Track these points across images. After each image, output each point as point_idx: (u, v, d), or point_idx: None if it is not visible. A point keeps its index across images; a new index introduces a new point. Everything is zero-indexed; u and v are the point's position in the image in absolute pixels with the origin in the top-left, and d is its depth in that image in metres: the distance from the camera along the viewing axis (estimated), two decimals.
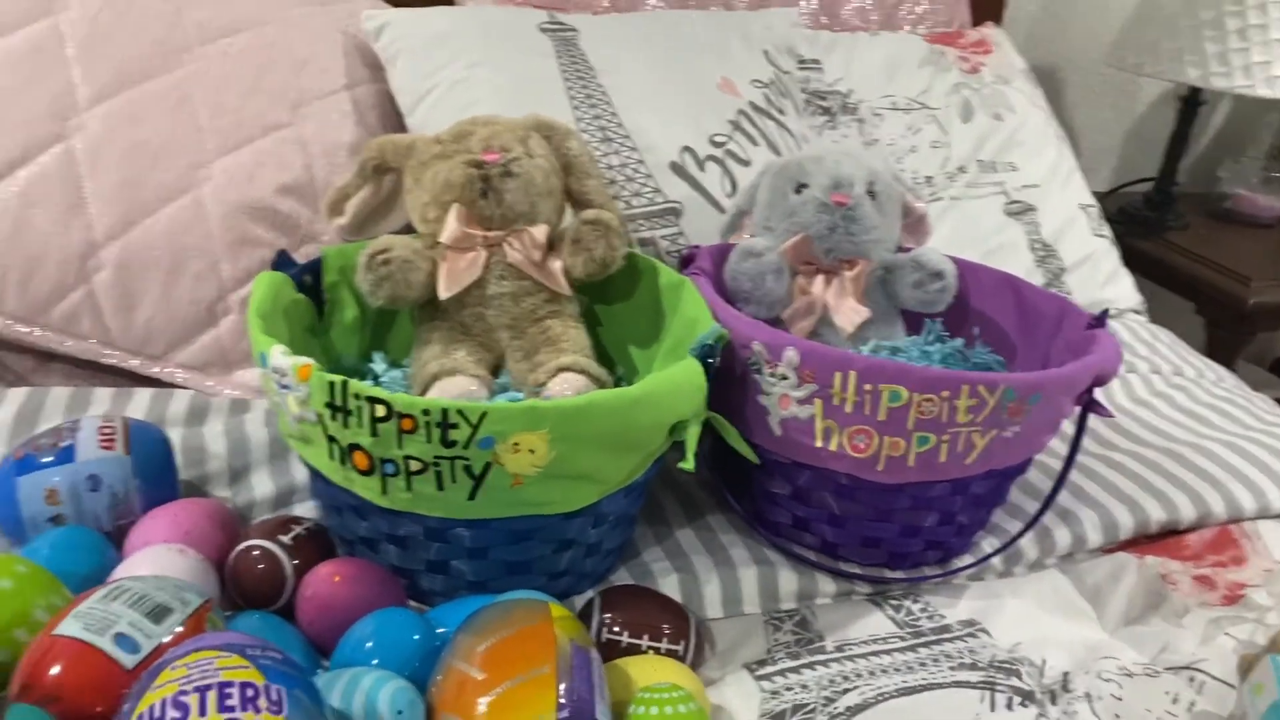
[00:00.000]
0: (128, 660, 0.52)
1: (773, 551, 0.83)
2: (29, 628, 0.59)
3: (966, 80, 1.40)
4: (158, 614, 0.55)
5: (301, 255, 0.97)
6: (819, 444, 0.77)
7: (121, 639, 0.53)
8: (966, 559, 0.86)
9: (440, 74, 1.07)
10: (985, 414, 0.75)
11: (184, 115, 0.97)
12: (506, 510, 0.69)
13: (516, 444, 0.65)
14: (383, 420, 0.64)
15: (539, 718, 0.55)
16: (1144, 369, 1.19)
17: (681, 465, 0.69)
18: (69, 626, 0.53)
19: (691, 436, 0.71)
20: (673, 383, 0.69)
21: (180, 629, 0.55)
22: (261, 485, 0.84)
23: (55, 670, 0.51)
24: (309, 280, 0.83)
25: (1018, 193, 1.34)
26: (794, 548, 0.83)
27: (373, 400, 0.64)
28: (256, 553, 0.69)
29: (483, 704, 0.56)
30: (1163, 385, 1.16)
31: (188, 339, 0.95)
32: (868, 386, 0.74)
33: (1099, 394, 0.82)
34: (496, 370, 0.83)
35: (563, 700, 0.56)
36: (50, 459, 0.71)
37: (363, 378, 0.84)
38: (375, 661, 0.62)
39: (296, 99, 1.03)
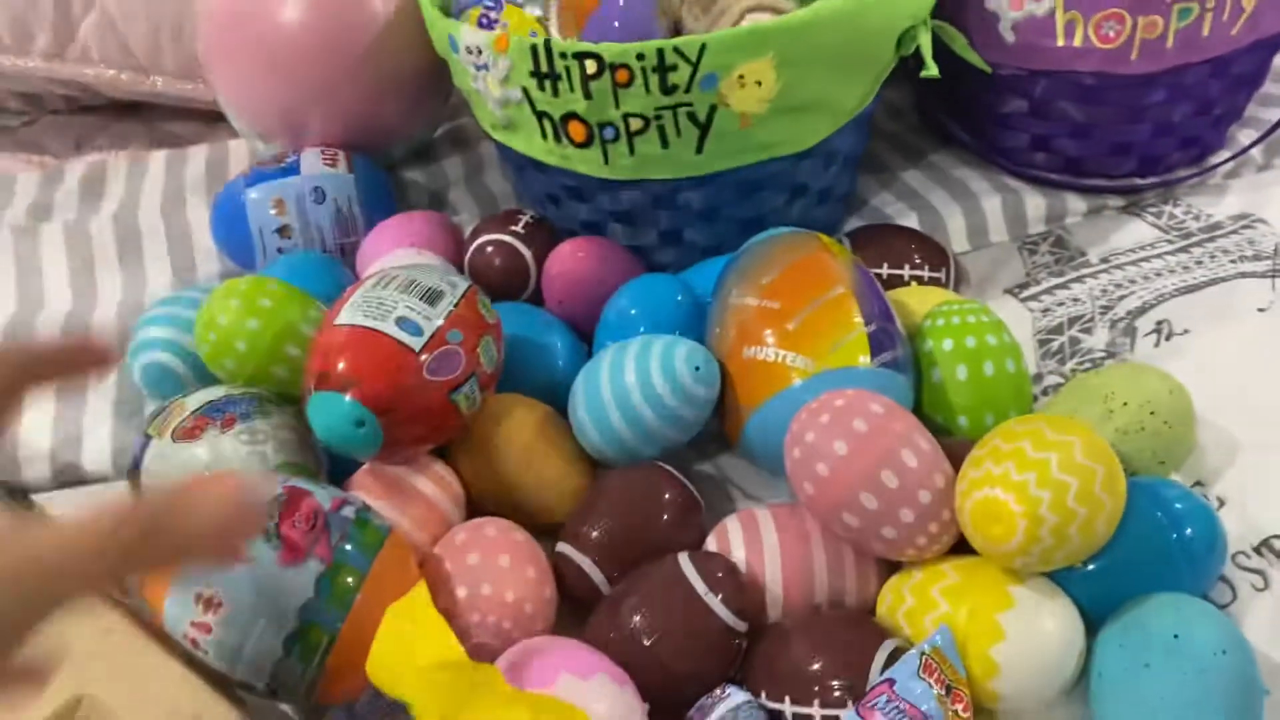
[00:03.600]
0: (413, 342, 0.51)
1: (1012, 178, 0.77)
2: (297, 342, 0.58)
3: None
4: (431, 297, 0.53)
5: None
6: (1060, 42, 0.69)
7: (404, 322, 0.51)
8: (1223, 155, 0.78)
9: None
10: None
11: None
12: (736, 159, 0.64)
13: (741, 77, 0.59)
14: (595, 77, 0.59)
15: (848, 335, 0.52)
16: None
17: (923, 74, 0.62)
18: (349, 316, 0.52)
19: (924, 41, 0.63)
20: None
21: (454, 310, 0.53)
22: None
23: (347, 357, 0.50)
24: None
25: None
26: (1035, 171, 0.76)
27: (580, 56, 0.59)
28: (492, 247, 0.66)
29: (790, 328, 0.53)
30: None
31: None
32: None
33: None
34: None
35: (864, 317, 0.53)
36: (276, 172, 0.70)
37: None
38: (641, 329, 0.60)
39: None
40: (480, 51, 0.63)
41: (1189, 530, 0.49)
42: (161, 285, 0.73)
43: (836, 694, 0.44)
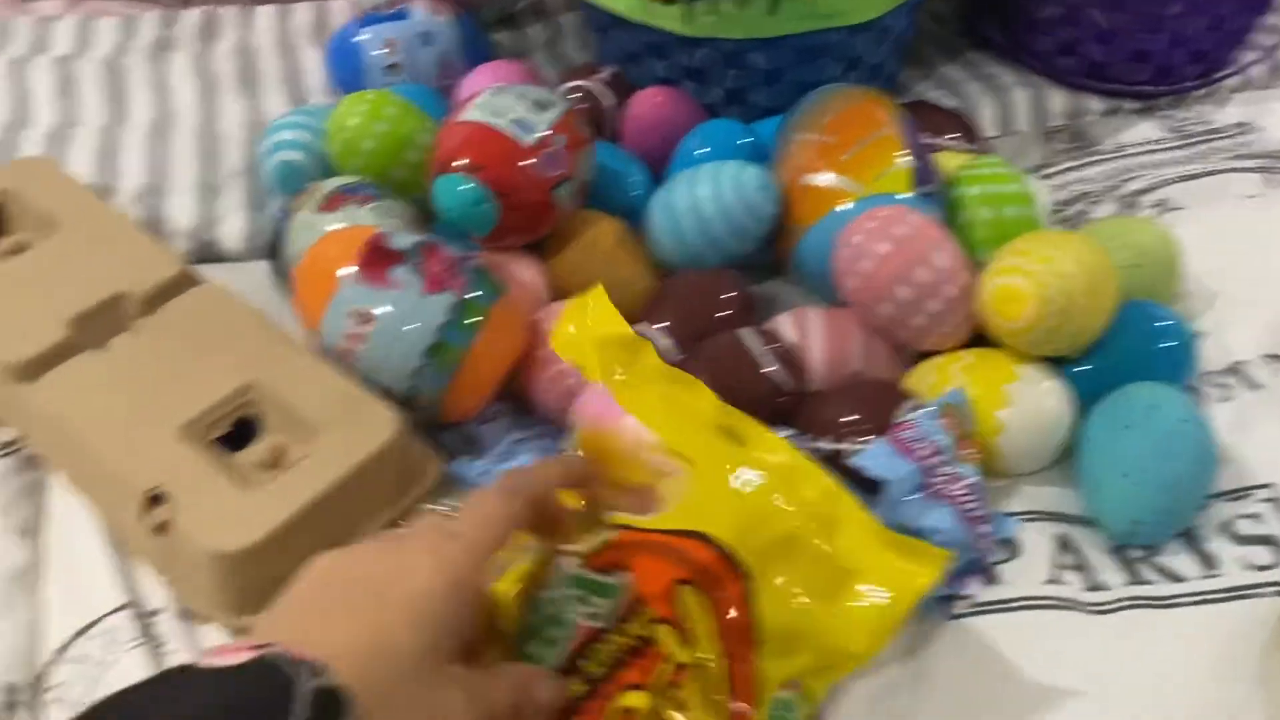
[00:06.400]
0: (526, 140, 0.60)
1: (1040, 78, 0.85)
2: (415, 149, 0.67)
3: None
4: (541, 105, 0.62)
5: None
6: None
7: (518, 122, 0.61)
8: (1229, 71, 0.86)
9: None
10: None
11: None
12: (803, 24, 0.72)
13: None
14: None
15: (891, 166, 0.62)
16: None
17: None
18: (471, 114, 0.61)
19: None
20: None
21: (559, 119, 0.62)
22: None
23: (470, 148, 0.60)
24: None
25: None
26: (1061, 74, 0.85)
27: None
28: (578, 92, 0.75)
29: (844, 159, 0.63)
30: None
31: None
32: None
33: None
34: None
35: (907, 154, 0.62)
36: (388, 16, 0.79)
37: None
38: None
39: None
40: None
41: (1170, 341, 0.58)
42: (279, 110, 0.81)
43: (863, 435, 0.54)
